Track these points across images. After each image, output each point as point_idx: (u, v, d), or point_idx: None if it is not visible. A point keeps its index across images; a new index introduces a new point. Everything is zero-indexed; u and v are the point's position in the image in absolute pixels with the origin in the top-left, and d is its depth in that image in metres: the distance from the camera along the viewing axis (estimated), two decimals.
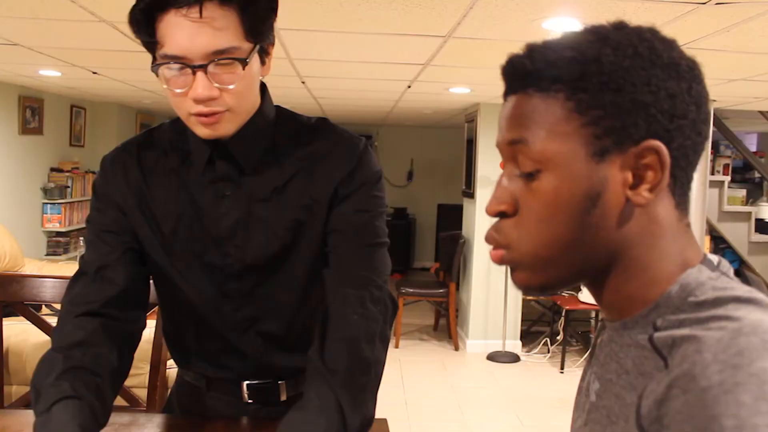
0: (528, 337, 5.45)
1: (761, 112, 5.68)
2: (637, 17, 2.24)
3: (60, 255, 5.66)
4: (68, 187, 5.77)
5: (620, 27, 0.62)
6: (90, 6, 2.37)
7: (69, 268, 4.90)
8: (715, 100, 4.34)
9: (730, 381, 0.49)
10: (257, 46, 1.00)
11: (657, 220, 0.62)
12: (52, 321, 1.81)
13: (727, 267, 0.63)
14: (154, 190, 1.12)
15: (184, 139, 1.11)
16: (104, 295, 1.09)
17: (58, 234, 5.73)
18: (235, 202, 1.09)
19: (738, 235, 5.85)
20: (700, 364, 0.52)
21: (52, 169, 5.75)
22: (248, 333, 1.15)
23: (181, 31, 0.94)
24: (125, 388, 1.77)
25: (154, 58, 1.01)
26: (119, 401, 1.76)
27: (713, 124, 4.41)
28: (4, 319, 1.73)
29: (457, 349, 5.23)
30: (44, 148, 5.61)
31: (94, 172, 6.33)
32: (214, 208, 1.09)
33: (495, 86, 4.19)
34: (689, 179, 0.63)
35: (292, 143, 1.12)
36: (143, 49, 1.04)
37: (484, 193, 5.17)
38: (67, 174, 5.80)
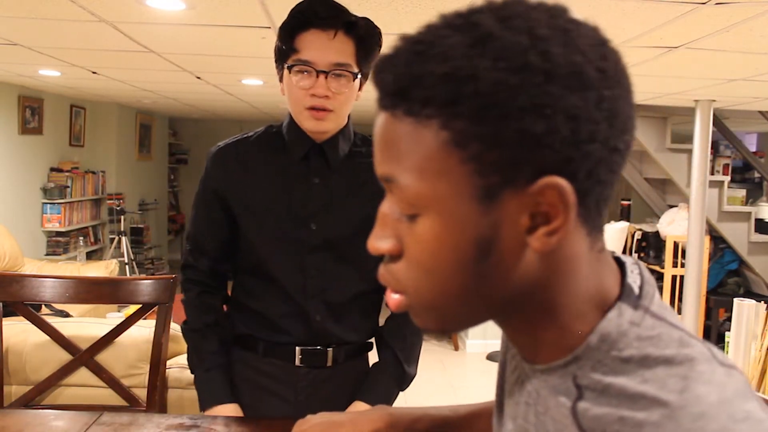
0: None
1: (761, 112, 5.68)
2: (636, 17, 2.23)
3: (60, 255, 5.65)
4: (68, 187, 5.76)
5: (506, 17, 0.48)
6: (90, 6, 2.37)
7: (69, 267, 4.90)
8: (715, 100, 4.33)
9: None
10: (361, 72, 1.31)
11: (565, 258, 0.52)
12: (52, 321, 1.81)
13: (650, 289, 0.55)
14: (252, 177, 1.39)
15: (279, 139, 1.41)
16: (216, 280, 1.48)
17: (58, 234, 5.73)
18: (321, 190, 1.38)
19: (738, 235, 5.84)
20: None
21: (52, 169, 5.74)
22: (315, 299, 1.38)
23: (317, 44, 1.27)
24: (125, 388, 1.77)
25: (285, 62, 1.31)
26: (119, 401, 1.77)
27: (713, 124, 4.41)
28: (4, 318, 1.73)
29: (456, 348, 5.23)
30: (44, 148, 5.61)
31: (94, 172, 6.34)
32: (304, 194, 1.37)
33: None
34: (606, 199, 0.52)
35: (365, 156, 1.42)
36: (143, 49, 1.08)
37: None
38: (67, 174, 5.80)
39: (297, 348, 1.39)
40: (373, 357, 1.49)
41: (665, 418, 0.47)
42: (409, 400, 4.11)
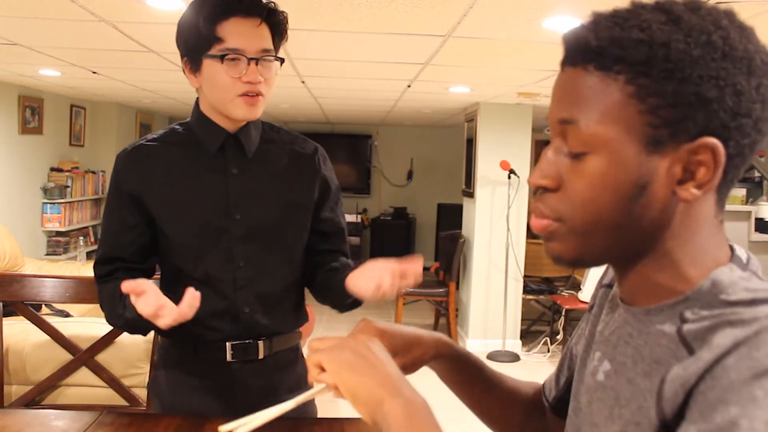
0: (528, 336, 5.45)
1: None
2: None
3: (60, 255, 5.65)
4: (68, 186, 5.76)
5: (695, 8, 0.59)
6: (90, 6, 2.37)
7: (69, 267, 4.90)
8: None
9: (752, 373, 0.50)
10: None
11: (697, 215, 0.61)
12: (52, 321, 1.81)
13: (757, 265, 0.63)
14: (168, 175, 1.37)
15: (188, 136, 1.40)
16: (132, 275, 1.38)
17: (58, 234, 5.73)
18: (241, 180, 1.38)
19: (738, 234, 5.84)
20: (734, 357, 0.52)
21: (52, 169, 5.74)
22: (245, 290, 1.38)
23: (244, 32, 1.28)
24: (125, 388, 1.77)
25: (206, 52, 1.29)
26: (119, 401, 1.77)
27: None
28: (4, 318, 1.73)
29: None
30: (44, 148, 5.61)
31: (94, 172, 6.33)
32: (224, 185, 1.37)
33: (495, 86, 4.19)
34: (739, 177, 0.62)
35: (280, 142, 1.46)
36: (143, 49, 1.09)
37: (483, 193, 5.17)
38: (67, 174, 5.79)
39: (227, 344, 1.38)
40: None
41: None
42: None
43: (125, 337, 1.92)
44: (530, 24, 2.42)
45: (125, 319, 1.31)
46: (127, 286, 1.17)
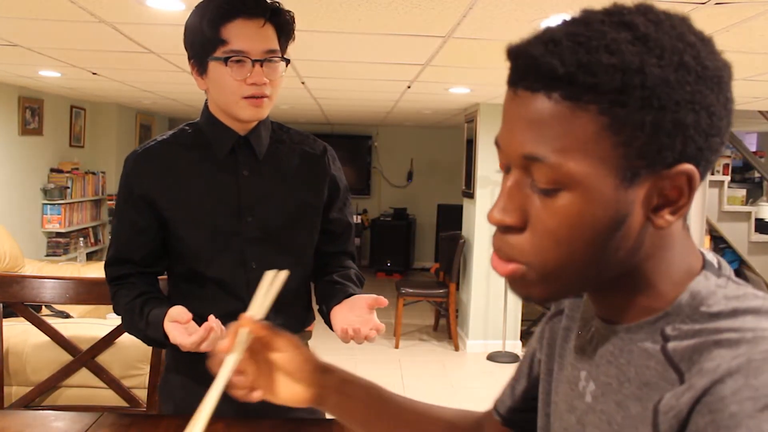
0: (528, 337, 5.44)
1: (761, 112, 5.68)
2: None
3: (60, 256, 5.65)
4: (68, 187, 5.76)
5: (656, 21, 0.54)
6: (90, 7, 2.37)
7: (69, 268, 4.90)
8: None
9: (758, 406, 0.48)
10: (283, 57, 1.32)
11: (669, 233, 0.59)
12: (52, 322, 1.81)
13: (728, 268, 0.62)
14: (179, 177, 1.36)
15: (199, 137, 1.39)
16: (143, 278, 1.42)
17: (58, 235, 5.73)
18: (253, 182, 1.38)
19: (738, 234, 5.85)
20: (730, 386, 0.49)
21: (52, 170, 5.74)
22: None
23: (248, 33, 1.26)
24: (125, 388, 1.77)
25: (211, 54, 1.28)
26: (119, 402, 1.77)
27: None
28: (4, 319, 1.73)
29: (457, 349, 5.23)
30: (44, 149, 5.61)
31: (94, 173, 6.33)
32: (236, 187, 1.37)
33: (495, 86, 4.19)
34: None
35: (290, 143, 1.45)
36: (143, 50, 1.09)
37: (484, 194, 5.17)
38: (67, 175, 5.79)
39: None
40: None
41: (760, 335, 0.52)
42: None
43: (125, 338, 1.92)
44: (530, 24, 2.42)
45: (146, 335, 1.33)
46: (176, 318, 1.21)
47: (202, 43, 1.28)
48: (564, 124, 0.53)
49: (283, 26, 1.32)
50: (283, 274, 0.88)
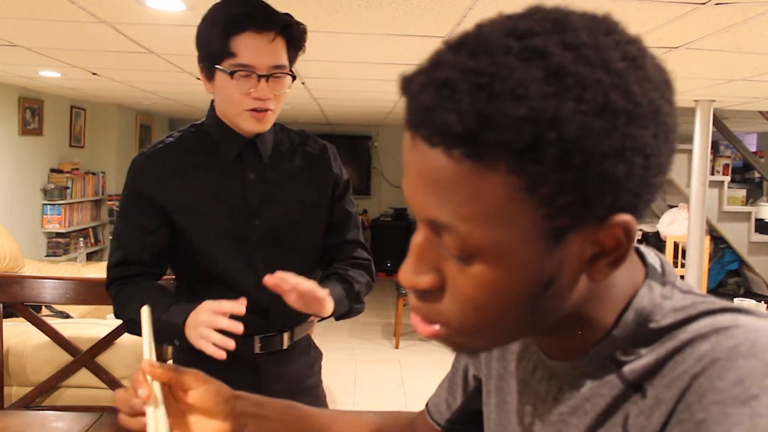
0: None
1: (761, 112, 5.68)
2: (636, 18, 2.24)
3: (60, 256, 5.65)
4: (68, 188, 5.77)
5: (573, 45, 0.44)
6: (90, 7, 2.37)
7: (69, 269, 4.90)
8: (714, 100, 4.34)
9: (723, 411, 0.45)
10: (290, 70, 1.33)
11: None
12: (52, 322, 1.81)
13: (672, 271, 0.56)
14: (187, 179, 1.37)
15: (205, 138, 1.40)
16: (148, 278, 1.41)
17: (58, 235, 5.73)
18: (258, 185, 1.39)
19: (738, 235, 5.85)
20: (695, 391, 0.47)
21: (52, 170, 5.75)
22: (267, 291, 1.32)
23: (256, 48, 1.26)
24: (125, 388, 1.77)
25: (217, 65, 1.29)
26: None
27: (713, 124, 4.41)
28: (4, 320, 1.73)
29: None
30: (44, 149, 5.61)
31: (94, 173, 6.34)
32: (242, 190, 1.38)
33: None
34: None
35: (291, 144, 1.46)
36: (143, 50, 1.09)
37: None
38: (67, 175, 5.80)
39: (256, 337, 1.41)
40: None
41: (723, 333, 0.48)
42: (409, 401, 4.11)
43: (125, 338, 1.92)
44: None
45: (158, 318, 1.30)
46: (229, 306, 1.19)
47: (211, 51, 1.28)
48: (469, 187, 0.44)
49: (294, 40, 1.32)
50: (146, 311, 0.82)
